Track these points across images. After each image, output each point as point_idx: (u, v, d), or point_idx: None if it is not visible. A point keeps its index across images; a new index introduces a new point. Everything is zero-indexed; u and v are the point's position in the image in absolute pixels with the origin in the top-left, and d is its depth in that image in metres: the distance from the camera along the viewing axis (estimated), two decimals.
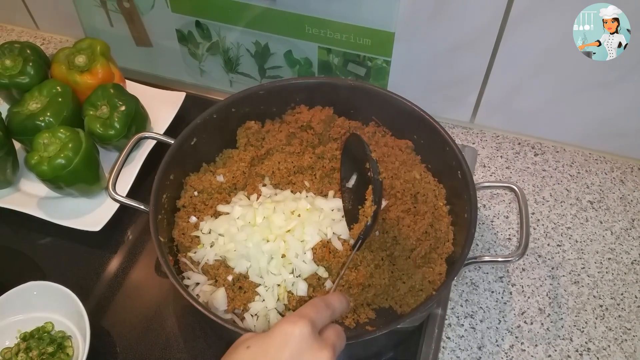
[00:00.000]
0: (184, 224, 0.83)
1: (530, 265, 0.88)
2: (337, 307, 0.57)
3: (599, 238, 0.91)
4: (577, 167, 1.01)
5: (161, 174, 0.80)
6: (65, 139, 0.86)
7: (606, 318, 0.82)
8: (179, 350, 0.80)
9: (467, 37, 0.91)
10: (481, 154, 1.03)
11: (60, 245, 0.92)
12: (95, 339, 0.80)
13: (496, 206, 0.95)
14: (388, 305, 0.78)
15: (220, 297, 0.76)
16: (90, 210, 0.92)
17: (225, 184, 0.87)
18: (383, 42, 0.92)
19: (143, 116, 0.98)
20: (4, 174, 0.92)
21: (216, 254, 0.80)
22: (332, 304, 0.56)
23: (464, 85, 0.99)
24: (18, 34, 1.30)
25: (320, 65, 1.02)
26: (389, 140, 0.92)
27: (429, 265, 0.80)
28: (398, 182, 0.85)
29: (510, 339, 0.80)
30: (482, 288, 0.86)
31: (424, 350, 0.78)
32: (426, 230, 0.81)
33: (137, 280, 0.88)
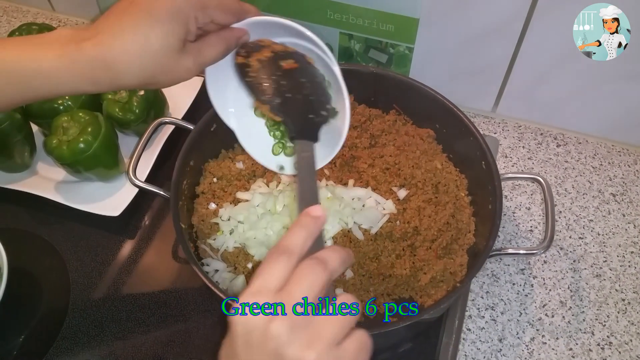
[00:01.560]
0: (204, 211, 0.82)
1: (551, 257, 0.87)
2: (335, 264, 0.44)
3: (621, 231, 0.90)
4: (600, 159, 0.99)
5: (181, 160, 0.79)
6: (84, 122, 0.85)
7: (628, 312, 0.81)
8: (198, 336, 0.80)
9: (493, 24, 0.89)
10: (503, 144, 1.01)
11: (77, 230, 0.92)
12: (113, 324, 0.81)
13: (518, 197, 0.94)
14: (408, 295, 0.78)
15: (240, 284, 0.75)
16: (108, 195, 0.92)
17: (245, 171, 0.86)
18: (406, 28, 0.91)
19: (162, 101, 0.97)
20: (21, 157, 0.92)
21: (235, 241, 0.79)
22: (328, 261, 0.44)
23: (487, 74, 0.98)
24: (34, 16, 1.29)
25: (341, 51, 1.00)
26: (410, 129, 0.90)
27: (450, 256, 0.79)
28: (419, 172, 0.84)
29: (531, 331, 0.80)
30: (503, 280, 0.85)
31: (444, 341, 0.78)
32: (447, 221, 0.80)
33: (154, 265, 0.88)
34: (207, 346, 0.79)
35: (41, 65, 0.52)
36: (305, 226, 0.45)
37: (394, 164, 0.86)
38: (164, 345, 0.79)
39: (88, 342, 0.80)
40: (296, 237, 0.44)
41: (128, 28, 0.51)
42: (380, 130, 0.90)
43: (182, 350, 0.79)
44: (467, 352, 0.78)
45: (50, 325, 0.81)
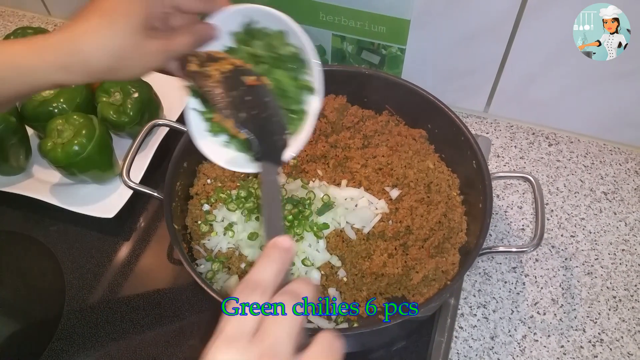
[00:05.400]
0: (197, 212, 0.83)
1: (543, 255, 0.87)
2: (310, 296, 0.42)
3: (612, 229, 0.91)
4: (592, 158, 1.00)
5: (175, 162, 0.80)
6: (79, 125, 0.86)
7: (619, 309, 0.82)
8: (192, 336, 0.80)
9: (483, 25, 0.90)
10: (495, 144, 1.02)
11: (72, 232, 0.92)
12: (108, 325, 0.81)
13: (510, 196, 0.95)
14: (401, 294, 0.78)
15: (234, 285, 0.76)
16: (103, 197, 0.92)
17: (238, 172, 0.87)
18: (398, 30, 0.91)
19: (156, 103, 0.98)
20: (17, 160, 0.92)
21: (229, 242, 0.80)
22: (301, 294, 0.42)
23: (479, 75, 0.99)
24: (29, 20, 1.30)
25: (333, 53, 1.01)
26: (403, 129, 0.91)
27: (442, 255, 0.79)
28: (411, 172, 0.85)
29: (523, 329, 0.80)
30: (495, 278, 0.85)
31: (437, 339, 0.78)
32: (439, 220, 0.81)
33: (149, 267, 0.88)
34: (202, 346, 0.80)
35: (12, 56, 0.53)
36: (276, 260, 0.43)
37: (387, 164, 0.86)
38: (159, 346, 0.79)
39: (83, 343, 0.80)
40: (267, 269, 0.42)
41: (92, 12, 0.53)
42: (373, 131, 0.90)
43: (177, 350, 0.79)
44: (459, 350, 0.79)
45: (46, 326, 0.82)
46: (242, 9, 0.59)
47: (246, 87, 0.54)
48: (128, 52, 0.54)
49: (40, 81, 0.55)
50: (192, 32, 0.58)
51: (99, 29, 0.53)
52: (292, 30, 0.58)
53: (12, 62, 0.53)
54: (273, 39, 0.60)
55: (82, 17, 0.54)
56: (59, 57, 0.53)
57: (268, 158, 0.53)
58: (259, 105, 0.54)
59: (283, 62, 0.60)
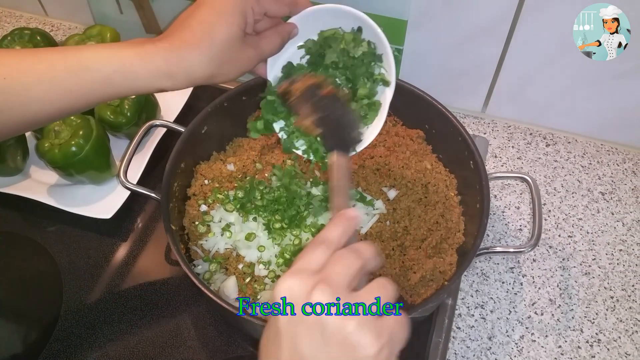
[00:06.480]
0: (195, 213, 0.83)
1: (541, 256, 0.88)
2: (368, 255, 0.47)
3: (610, 229, 0.91)
4: (589, 158, 1.00)
5: (172, 162, 0.79)
6: (76, 125, 0.86)
7: (617, 309, 0.82)
8: (190, 337, 0.80)
9: (480, 25, 0.90)
10: (492, 144, 1.02)
11: (69, 233, 0.92)
12: (106, 326, 0.81)
13: (507, 197, 0.95)
14: (398, 295, 0.78)
15: (231, 286, 0.76)
16: (101, 197, 0.92)
17: (236, 173, 0.87)
18: (395, 31, 0.91)
19: (153, 104, 0.98)
20: (14, 161, 0.92)
21: (227, 243, 0.80)
22: (362, 251, 0.47)
23: (476, 75, 0.99)
24: (27, 20, 1.30)
25: None
26: (400, 130, 0.91)
27: (440, 256, 0.79)
28: (409, 172, 0.85)
29: (521, 329, 0.80)
30: (492, 278, 0.85)
31: (434, 340, 0.78)
32: (437, 221, 0.81)
33: (147, 267, 0.88)
34: (199, 346, 0.80)
35: (121, 61, 0.56)
36: (342, 224, 0.49)
37: (384, 164, 0.86)
38: (156, 347, 0.79)
39: (81, 344, 0.80)
40: (334, 230, 0.49)
41: (196, 24, 0.57)
42: None
43: (174, 351, 0.79)
44: (457, 350, 0.79)
45: (43, 327, 0.82)
46: (320, 8, 0.66)
47: (320, 96, 0.64)
48: (227, 60, 0.59)
49: (145, 86, 0.58)
50: (278, 33, 0.64)
51: (203, 40, 0.57)
52: (368, 24, 0.65)
53: (122, 67, 0.56)
54: (347, 42, 0.67)
55: (187, 27, 0.57)
56: (165, 66, 0.56)
57: (339, 148, 0.62)
58: (331, 107, 0.64)
59: (357, 66, 0.67)
